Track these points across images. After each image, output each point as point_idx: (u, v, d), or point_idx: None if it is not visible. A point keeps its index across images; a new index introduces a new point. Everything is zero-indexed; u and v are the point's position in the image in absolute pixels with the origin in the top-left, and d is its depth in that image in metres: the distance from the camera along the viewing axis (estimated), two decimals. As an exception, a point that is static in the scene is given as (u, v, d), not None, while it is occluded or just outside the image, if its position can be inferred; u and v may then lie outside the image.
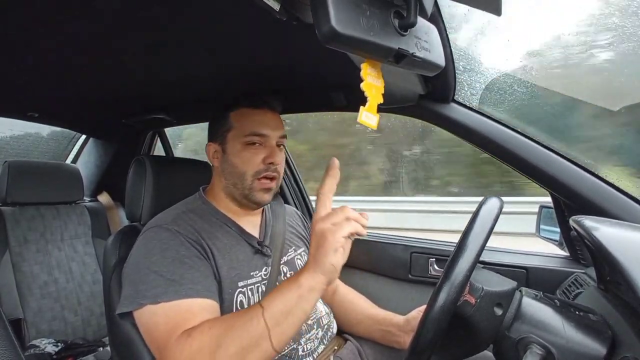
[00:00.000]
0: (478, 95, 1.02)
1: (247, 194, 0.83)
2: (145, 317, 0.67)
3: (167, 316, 0.64)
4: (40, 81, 1.08)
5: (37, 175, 1.51)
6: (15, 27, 0.71)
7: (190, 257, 0.71)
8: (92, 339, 1.49)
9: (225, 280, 0.75)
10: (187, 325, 0.62)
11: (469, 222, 0.59)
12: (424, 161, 5.33)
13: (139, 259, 0.72)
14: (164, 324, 0.64)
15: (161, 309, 0.65)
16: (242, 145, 0.82)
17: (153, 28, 0.72)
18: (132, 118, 1.54)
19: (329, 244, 0.57)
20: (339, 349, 0.91)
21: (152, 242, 0.73)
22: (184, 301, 0.66)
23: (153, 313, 0.65)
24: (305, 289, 0.59)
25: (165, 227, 0.75)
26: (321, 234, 0.58)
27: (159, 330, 0.64)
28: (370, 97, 0.50)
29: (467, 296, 0.60)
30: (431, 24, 0.52)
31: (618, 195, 0.88)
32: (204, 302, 0.68)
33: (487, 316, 0.60)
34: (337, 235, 0.57)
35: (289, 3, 0.48)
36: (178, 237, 0.73)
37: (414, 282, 1.26)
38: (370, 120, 0.50)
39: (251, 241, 0.84)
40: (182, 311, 0.65)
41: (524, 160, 0.94)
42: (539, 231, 1.17)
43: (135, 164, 1.00)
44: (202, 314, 0.65)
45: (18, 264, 1.40)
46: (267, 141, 0.84)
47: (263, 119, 0.84)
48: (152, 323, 0.65)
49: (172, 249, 0.71)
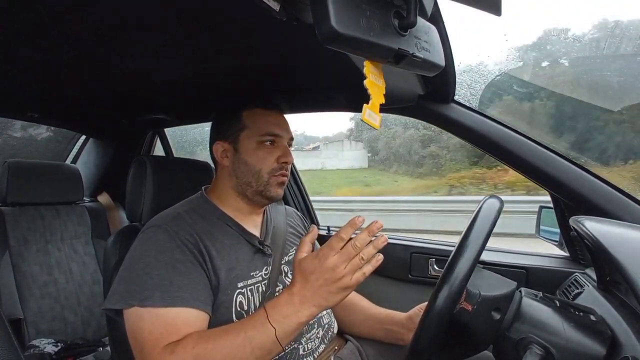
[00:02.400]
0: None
1: (261, 191, 0.84)
2: (132, 318, 0.67)
3: (152, 324, 0.64)
4: (40, 81, 1.08)
5: (37, 175, 1.51)
6: (16, 27, 0.71)
7: (183, 263, 0.71)
8: (92, 339, 1.48)
9: (223, 281, 0.75)
10: (170, 339, 0.63)
11: (469, 222, 0.59)
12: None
13: (134, 258, 0.72)
14: (148, 332, 0.64)
15: (147, 315, 0.65)
16: (257, 144, 0.84)
17: (153, 28, 0.72)
18: (132, 118, 1.54)
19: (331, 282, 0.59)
20: (339, 349, 0.91)
21: (149, 242, 0.73)
22: (169, 310, 0.66)
23: (139, 317, 0.66)
24: (302, 324, 0.61)
25: (164, 227, 0.75)
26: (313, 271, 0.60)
27: (143, 337, 0.64)
28: (372, 95, 0.50)
29: (463, 304, 0.60)
30: (431, 24, 0.53)
31: (618, 195, 0.88)
32: (189, 314, 0.67)
33: (485, 321, 0.60)
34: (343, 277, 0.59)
35: (289, 3, 0.48)
36: (175, 240, 0.73)
37: (413, 282, 1.26)
38: (373, 119, 0.51)
39: (252, 240, 0.84)
40: (167, 323, 0.65)
41: (524, 160, 0.94)
42: (539, 231, 1.17)
43: (136, 164, 1.00)
44: (185, 328, 0.65)
45: (18, 264, 1.40)
46: (280, 141, 0.86)
47: (276, 120, 0.87)
48: (138, 328, 0.65)
49: (168, 252, 0.71)
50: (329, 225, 1.57)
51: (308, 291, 0.60)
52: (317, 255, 0.60)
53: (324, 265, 0.59)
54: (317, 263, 0.60)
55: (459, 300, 0.59)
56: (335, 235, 0.60)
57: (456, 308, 0.58)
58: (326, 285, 0.59)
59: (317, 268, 0.59)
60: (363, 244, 0.59)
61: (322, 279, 0.59)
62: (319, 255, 0.60)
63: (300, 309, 0.60)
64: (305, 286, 0.60)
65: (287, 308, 0.61)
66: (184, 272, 0.70)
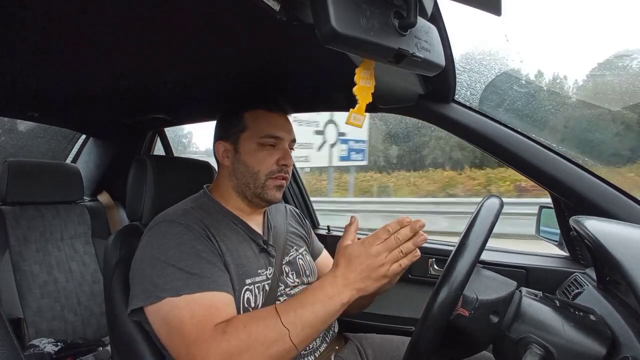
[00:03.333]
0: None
1: (259, 193, 0.84)
2: (164, 310, 0.65)
3: (191, 309, 0.64)
4: (40, 81, 1.08)
5: (37, 175, 1.51)
6: (16, 27, 0.71)
7: (206, 252, 0.71)
8: (92, 338, 1.48)
9: (233, 277, 0.75)
10: (215, 320, 0.63)
11: (469, 222, 0.59)
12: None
13: (153, 254, 0.71)
14: (190, 317, 0.63)
15: (183, 302, 0.65)
16: (257, 145, 0.83)
17: (153, 28, 0.72)
18: (132, 118, 1.54)
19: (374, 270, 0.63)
20: (340, 348, 0.91)
21: (166, 236, 0.72)
22: (206, 294, 0.66)
23: (174, 306, 0.65)
24: (344, 305, 0.64)
25: (177, 221, 0.74)
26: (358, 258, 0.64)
27: (184, 324, 0.63)
28: (360, 99, 0.51)
29: (460, 310, 0.59)
30: (431, 24, 0.52)
31: (618, 195, 0.88)
32: (225, 297, 0.68)
33: (483, 324, 0.60)
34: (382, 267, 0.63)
35: (289, 3, 0.48)
36: (191, 232, 0.73)
37: (414, 282, 1.26)
38: (358, 120, 0.52)
39: (257, 239, 0.84)
40: (206, 305, 0.65)
41: (524, 160, 0.94)
42: (539, 231, 1.18)
43: (136, 164, 1.00)
44: (225, 309, 0.66)
45: (18, 263, 1.40)
46: (281, 143, 0.85)
47: (278, 122, 0.86)
48: (175, 317, 0.64)
49: (188, 243, 0.71)
50: (328, 225, 1.57)
51: (351, 273, 0.64)
52: (363, 243, 0.65)
53: (368, 251, 0.63)
54: (362, 249, 0.64)
55: (456, 307, 0.58)
56: (383, 227, 0.65)
57: (452, 315, 0.58)
58: (368, 270, 0.63)
59: (362, 253, 0.64)
60: (404, 239, 0.63)
61: (365, 264, 0.63)
62: (364, 242, 0.65)
63: (343, 290, 0.63)
64: (349, 268, 0.64)
65: (331, 289, 0.64)
66: (210, 260, 0.71)
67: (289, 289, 0.84)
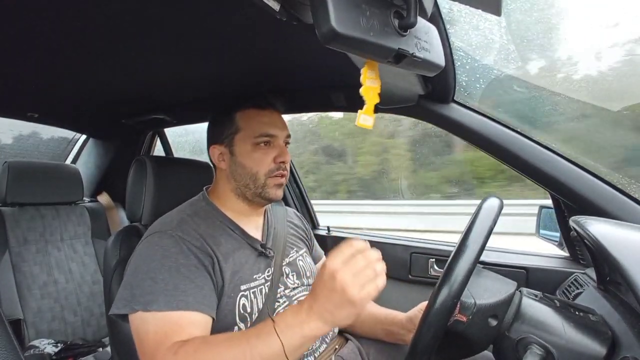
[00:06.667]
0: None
1: (260, 192, 0.84)
2: (136, 322, 0.67)
3: (156, 325, 0.65)
4: (40, 81, 1.08)
5: (37, 175, 1.51)
6: (16, 27, 0.71)
7: (187, 267, 0.71)
8: (92, 339, 1.48)
9: (227, 285, 0.75)
10: (175, 338, 0.63)
11: (469, 222, 0.59)
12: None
13: (139, 263, 0.72)
14: (153, 332, 0.64)
15: (151, 317, 0.65)
16: (252, 146, 0.83)
17: (153, 28, 0.72)
18: (132, 118, 1.54)
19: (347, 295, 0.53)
20: (340, 348, 0.91)
21: (154, 247, 0.73)
22: (174, 313, 0.66)
23: (143, 320, 0.66)
24: (308, 339, 0.58)
25: (169, 233, 0.75)
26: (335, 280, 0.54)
27: (148, 339, 0.65)
28: (367, 100, 0.51)
29: (457, 316, 0.59)
30: (431, 24, 0.52)
31: (618, 196, 0.88)
32: (193, 316, 0.67)
33: (481, 328, 0.60)
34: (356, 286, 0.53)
35: (289, 3, 0.48)
36: (180, 245, 0.73)
37: (414, 282, 1.26)
38: (366, 122, 0.51)
39: (254, 244, 0.84)
40: (171, 323, 0.65)
41: (524, 161, 0.94)
42: (539, 232, 1.18)
43: (136, 164, 1.00)
44: (189, 329, 0.65)
45: (18, 264, 1.40)
46: (276, 141, 0.85)
47: (270, 119, 0.85)
48: (142, 330, 0.66)
49: (172, 257, 0.71)
50: (328, 225, 1.57)
51: (315, 302, 0.57)
52: (325, 266, 0.57)
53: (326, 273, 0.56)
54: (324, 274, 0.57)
55: (453, 314, 0.58)
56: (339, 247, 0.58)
57: (450, 320, 0.58)
58: (330, 295, 0.55)
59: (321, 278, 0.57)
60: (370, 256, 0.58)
61: (326, 289, 0.55)
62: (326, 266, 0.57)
63: (305, 320, 0.57)
64: (313, 297, 0.58)
65: (292, 318, 0.58)
66: (188, 276, 0.70)
67: (289, 290, 0.84)
